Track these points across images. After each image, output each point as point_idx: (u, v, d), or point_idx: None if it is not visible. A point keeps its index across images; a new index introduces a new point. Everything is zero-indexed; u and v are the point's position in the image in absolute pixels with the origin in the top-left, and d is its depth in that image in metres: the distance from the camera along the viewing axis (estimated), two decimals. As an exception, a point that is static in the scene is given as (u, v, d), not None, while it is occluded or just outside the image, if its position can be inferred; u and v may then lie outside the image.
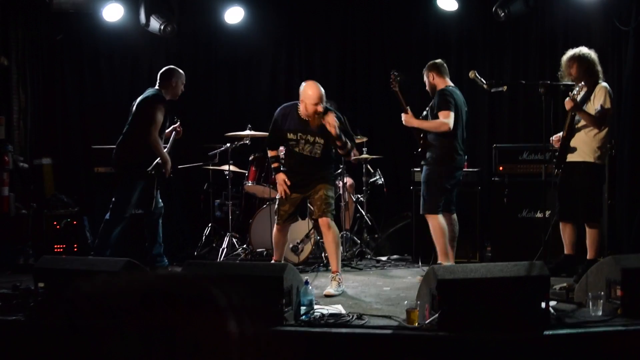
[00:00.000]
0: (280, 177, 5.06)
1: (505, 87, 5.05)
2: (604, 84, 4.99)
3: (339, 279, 4.89)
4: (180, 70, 5.73)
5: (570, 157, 5.00)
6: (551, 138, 5.17)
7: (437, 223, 5.28)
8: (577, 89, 4.80)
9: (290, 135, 5.02)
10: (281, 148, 5.39)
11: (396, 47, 7.73)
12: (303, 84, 5.02)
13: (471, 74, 5.31)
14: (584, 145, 4.94)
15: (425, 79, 5.48)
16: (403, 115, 5.38)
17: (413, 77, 7.57)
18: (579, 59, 5.00)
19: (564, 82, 4.94)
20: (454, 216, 5.47)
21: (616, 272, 3.83)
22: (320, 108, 4.87)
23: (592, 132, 4.93)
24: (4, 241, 6.08)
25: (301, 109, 4.97)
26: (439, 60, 5.51)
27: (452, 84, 5.44)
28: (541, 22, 7.21)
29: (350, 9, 7.87)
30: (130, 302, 1.07)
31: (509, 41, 7.35)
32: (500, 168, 6.15)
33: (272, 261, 5.18)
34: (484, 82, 5.21)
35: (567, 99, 4.84)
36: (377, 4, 7.76)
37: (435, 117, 5.27)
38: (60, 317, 1.04)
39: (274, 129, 5.16)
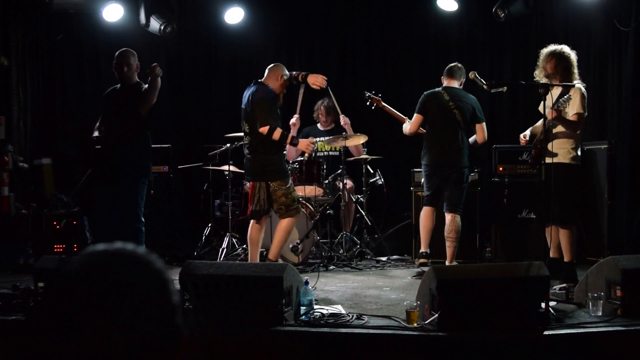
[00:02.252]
0: (305, 140, 5.41)
1: (505, 88, 5.05)
2: (580, 85, 4.90)
3: None
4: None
5: (547, 159, 4.99)
6: (521, 135, 5.20)
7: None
8: (561, 101, 4.77)
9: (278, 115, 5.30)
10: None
11: (396, 47, 7.73)
12: (271, 66, 5.53)
13: (471, 75, 5.32)
14: (559, 147, 4.84)
15: None
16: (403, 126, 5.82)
17: (412, 77, 7.63)
18: (558, 56, 4.95)
19: (562, 83, 4.91)
20: (449, 216, 5.49)
21: (616, 273, 3.83)
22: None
23: (566, 134, 4.87)
24: (4, 241, 6.08)
25: (278, 86, 5.37)
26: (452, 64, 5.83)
27: (445, 84, 5.68)
28: (541, 23, 7.22)
29: (350, 9, 7.87)
30: None
31: (509, 41, 7.35)
32: (500, 168, 6.15)
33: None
34: (484, 82, 5.22)
35: (550, 110, 4.77)
36: (377, 4, 7.77)
37: None
38: (60, 317, 1.04)
39: (274, 104, 5.29)
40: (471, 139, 5.67)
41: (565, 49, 5.00)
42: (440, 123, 5.53)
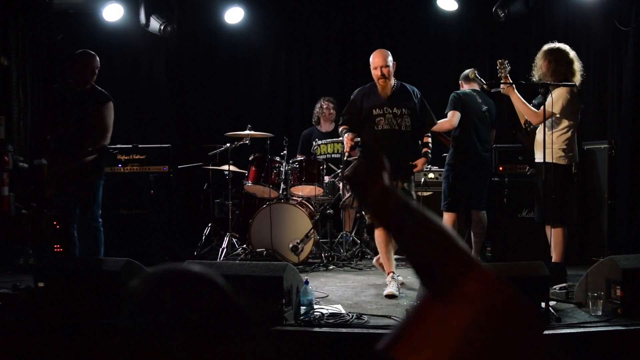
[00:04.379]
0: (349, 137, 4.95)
1: (504, 87, 5.04)
2: (570, 84, 4.80)
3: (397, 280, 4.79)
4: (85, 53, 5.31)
5: (536, 158, 4.96)
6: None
7: None
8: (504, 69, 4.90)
9: (376, 111, 4.97)
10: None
11: (396, 47, 7.71)
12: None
13: (471, 74, 5.32)
14: (547, 147, 4.67)
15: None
16: None
17: (412, 77, 7.63)
18: (551, 53, 4.91)
19: (564, 83, 4.89)
20: (479, 213, 5.62)
21: (616, 272, 3.84)
22: (378, 72, 4.96)
23: (554, 132, 4.77)
24: (4, 241, 6.08)
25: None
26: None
27: (470, 87, 5.74)
28: (541, 22, 7.22)
29: (350, 9, 7.87)
30: None
31: (509, 41, 7.35)
32: (500, 168, 6.15)
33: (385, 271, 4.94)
34: (484, 82, 5.23)
35: (506, 84, 4.90)
36: (377, 4, 7.77)
37: None
38: (60, 317, 1.05)
39: (349, 108, 5.14)
40: None
41: (562, 47, 4.97)
42: (477, 124, 5.58)
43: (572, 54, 4.94)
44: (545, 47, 5.00)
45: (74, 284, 3.85)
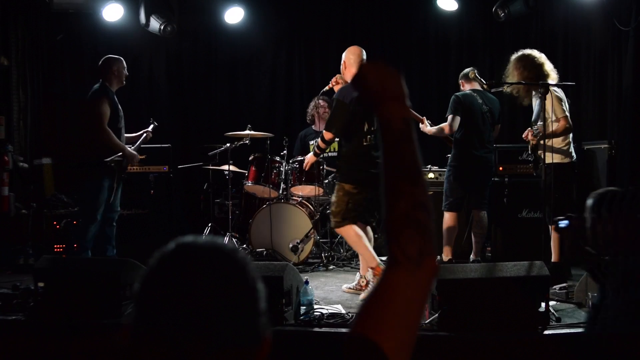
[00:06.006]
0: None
1: (505, 87, 5.04)
2: (553, 89, 4.80)
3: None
4: (117, 57, 5.49)
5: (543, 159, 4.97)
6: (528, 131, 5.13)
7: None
8: (536, 127, 4.82)
9: (367, 126, 4.69)
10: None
11: (396, 47, 7.73)
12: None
13: (471, 74, 5.32)
14: (549, 147, 4.74)
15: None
16: (420, 126, 5.62)
17: (412, 77, 7.63)
18: (517, 60, 4.92)
19: (563, 83, 4.90)
20: (480, 213, 5.57)
21: (616, 272, 3.83)
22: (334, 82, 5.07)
23: (554, 135, 4.79)
24: (4, 241, 6.08)
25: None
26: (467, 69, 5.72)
27: (470, 88, 5.61)
28: (541, 22, 7.22)
29: (350, 9, 7.87)
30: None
31: (509, 41, 7.35)
32: (500, 168, 6.15)
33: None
34: (484, 82, 5.23)
35: (529, 134, 4.90)
36: (377, 4, 7.77)
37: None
38: (60, 317, 1.03)
39: (344, 113, 4.65)
40: None
41: (529, 52, 4.99)
42: (478, 125, 5.53)
43: (541, 56, 4.96)
44: (514, 56, 5.01)
45: (74, 284, 3.85)
